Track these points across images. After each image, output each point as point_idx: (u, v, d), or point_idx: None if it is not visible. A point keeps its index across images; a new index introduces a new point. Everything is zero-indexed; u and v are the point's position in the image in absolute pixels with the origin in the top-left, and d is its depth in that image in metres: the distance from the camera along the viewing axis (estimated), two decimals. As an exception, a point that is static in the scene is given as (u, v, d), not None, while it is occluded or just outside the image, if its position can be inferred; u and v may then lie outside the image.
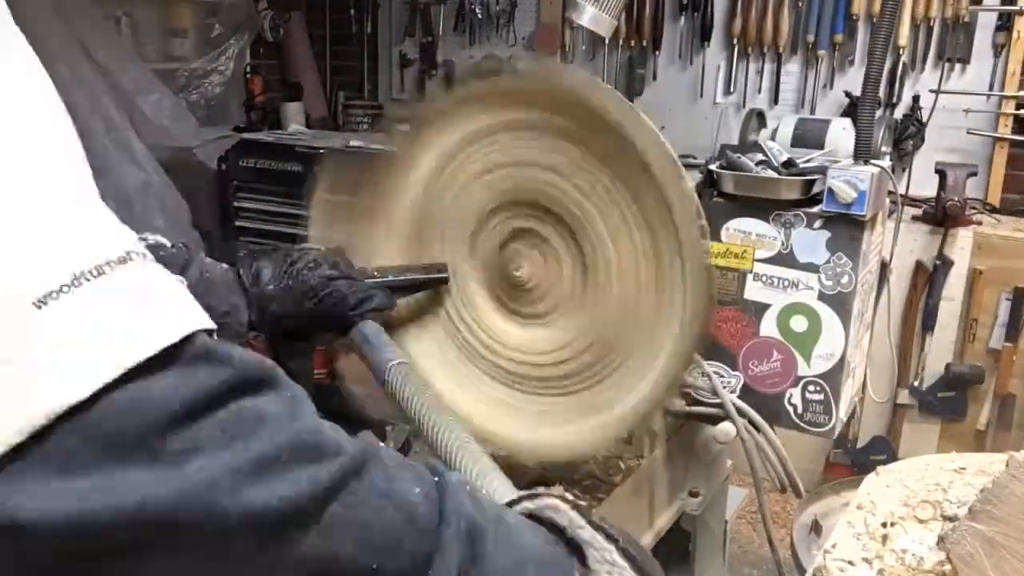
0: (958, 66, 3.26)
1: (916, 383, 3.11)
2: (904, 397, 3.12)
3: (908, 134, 3.24)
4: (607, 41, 3.62)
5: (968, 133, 3.22)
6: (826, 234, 1.56)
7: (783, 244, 1.58)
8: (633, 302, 1.09)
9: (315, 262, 1.03)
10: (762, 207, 1.59)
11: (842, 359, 1.57)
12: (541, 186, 1.11)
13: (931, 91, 3.15)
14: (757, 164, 1.64)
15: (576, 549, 0.56)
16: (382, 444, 1.15)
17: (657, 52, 3.75)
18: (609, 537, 0.56)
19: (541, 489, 0.61)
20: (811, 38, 3.42)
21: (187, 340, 0.41)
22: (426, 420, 0.86)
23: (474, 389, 1.19)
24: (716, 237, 1.61)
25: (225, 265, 1.04)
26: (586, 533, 0.56)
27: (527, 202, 1.13)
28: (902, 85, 3.32)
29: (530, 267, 1.11)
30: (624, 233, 1.07)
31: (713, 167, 1.67)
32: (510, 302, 1.18)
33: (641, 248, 1.07)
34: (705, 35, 3.63)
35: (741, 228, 1.61)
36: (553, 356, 1.16)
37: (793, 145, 1.91)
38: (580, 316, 1.13)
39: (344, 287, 1.03)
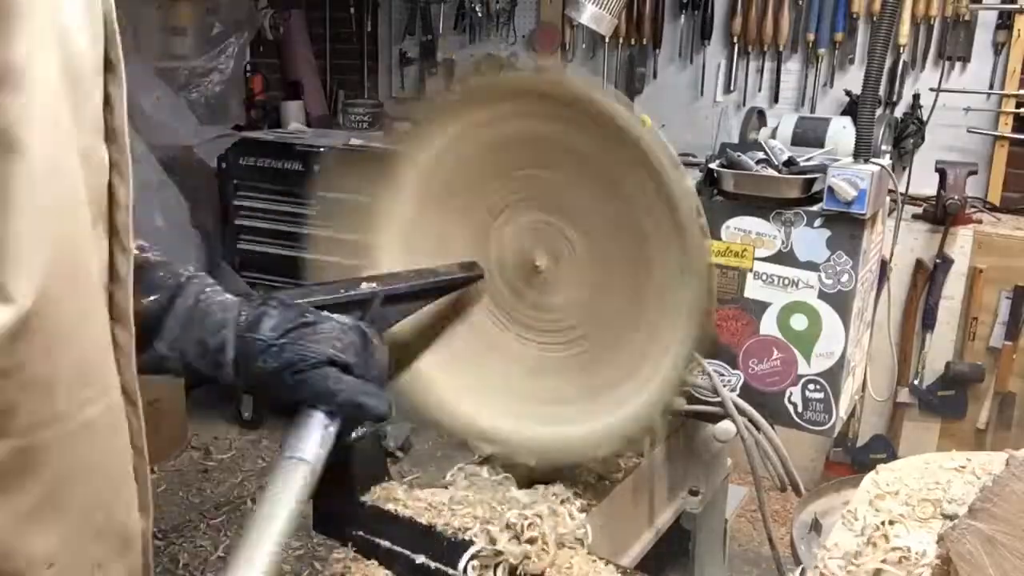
0: (958, 64, 3.26)
1: (916, 382, 3.11)
2: (904, 396, 3.12)
3: (908, 132, 3.24)
4: (607, 39, 3.61)
5: (968, 131, 3.21)
6: (826, 232, 1.55)
7: (783, 243, 1.58)
8: (638, 302, 1.09)
9: (328, 335, 0.83)
10: (762, 206, 1.59)
11: (842, 358, 1.57)
12: (547, 183, 1.12)
13: (931, 89, 3.14)
14: (757, 163, 1.64)
15: None
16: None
17: (657, 50, 3.75)
18: None
19: None
20: (811, 36, 3.42)
21: None
22: (258, 510, 0.77)
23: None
24: (716, 236, 1.61)
25: (231, 297, 0.87)
26: None
27: (537, 197, 1.13)
28: (902, 83, 3.32)
29: (544, 260, 1.12)
30: (628, 233, 1.07)
31: (713, 166, 1.66)
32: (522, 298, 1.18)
33: (644, 248, 1.07)
34: (705, 33, 3.63)
35: (741, 227, 1.61)
36: (561, 352, 1.16)
37: (793, 143, 1.90)
38: (587, 313, 1.13)
39: (337, 382, 0.82)
